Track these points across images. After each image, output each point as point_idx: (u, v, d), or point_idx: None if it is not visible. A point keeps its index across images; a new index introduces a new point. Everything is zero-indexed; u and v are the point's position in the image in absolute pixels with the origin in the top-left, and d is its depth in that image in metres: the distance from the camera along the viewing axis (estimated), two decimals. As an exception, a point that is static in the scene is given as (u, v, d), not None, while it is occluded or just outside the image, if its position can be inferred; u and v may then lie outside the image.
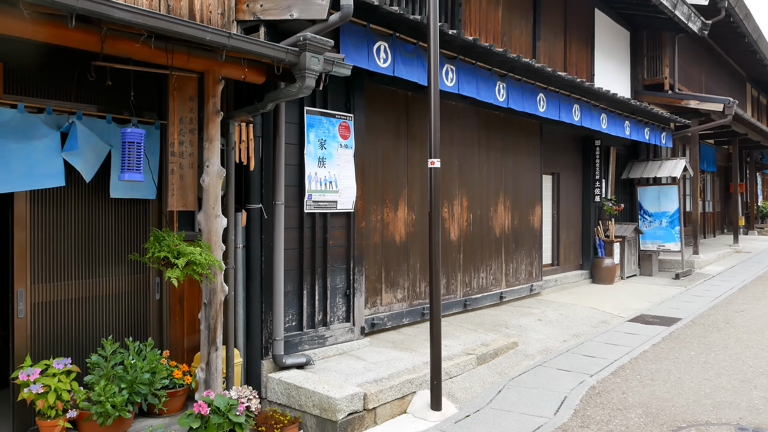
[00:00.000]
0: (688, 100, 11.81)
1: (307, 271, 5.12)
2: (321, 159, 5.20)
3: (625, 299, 9.03)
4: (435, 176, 4.68)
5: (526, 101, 7.11)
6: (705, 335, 7.00)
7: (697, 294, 9.62)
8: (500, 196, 7.92)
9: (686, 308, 8.47)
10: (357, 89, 5.56)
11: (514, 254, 8.20)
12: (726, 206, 19.31)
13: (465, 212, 7.30)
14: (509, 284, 8.11)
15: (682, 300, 9.10)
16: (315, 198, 5.15)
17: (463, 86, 6.11)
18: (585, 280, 10.13)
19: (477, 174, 7.51)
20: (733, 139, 16.04)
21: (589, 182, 10.37)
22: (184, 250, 3.82)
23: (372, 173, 6.03)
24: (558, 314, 7.71)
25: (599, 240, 10.23)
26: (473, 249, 7.43)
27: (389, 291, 6.24)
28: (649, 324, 7.51)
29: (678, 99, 11.84)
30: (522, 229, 8.36)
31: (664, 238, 11.39)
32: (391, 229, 6.26)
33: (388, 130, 6.23)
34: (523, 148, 8.41)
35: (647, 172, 11.45)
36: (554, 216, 9.73)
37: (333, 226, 5.35)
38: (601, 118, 8.87)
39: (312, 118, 5.15)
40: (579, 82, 7.68)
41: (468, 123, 7.35)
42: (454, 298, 7.14)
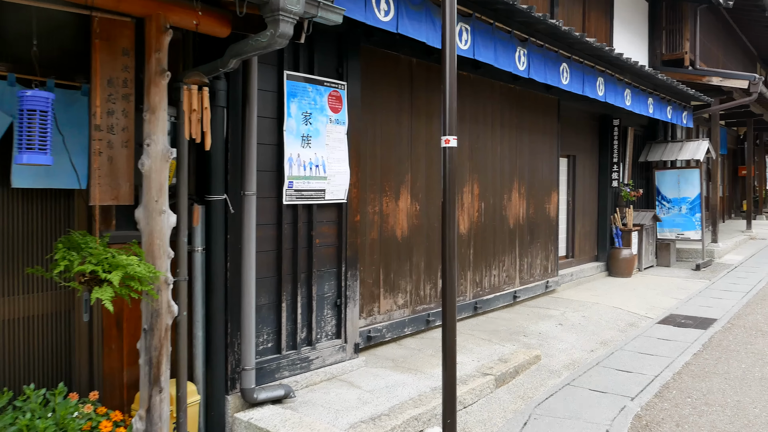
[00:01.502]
0: (710, 77, 10.62)
1: (287, 279, 3.98)
2: (305, 137, 4.04)
3: (648, 295, 7.95)
4: (450, 158, 3.53)
5: (549, 71, 5.93)
6: (750, 341, 5.93)
7: (725, 288, 8.55)
8: (515, 182, 6.78)
9: (718, 306, 7.40)
10: (351, 52, 4.38)
11: (529, 247, 7.08)
12: (734, 190, 18.23)
13: (476, 201, 6.16)
14: (523, 282, 7.00)
15: (710, 296, 8.02)
16: (297, 186, 3.99)
17: (479, 50, 4.93)
18: (601, 273, 9.04)
19: (490, 156, 6.35)
20: (748, 120, 14.88)
21: (606, 166, 9.22)
22: (120, 261, 2.69)
23: (369, 155, 4.87)
24: (580, 316, 6.62)
25: (616, 229, 9.12)
26: (485, 243, 6.31)
27: (389, 296, 5.12)
28: (683, 327, 6.43)
29: (699, 75, 10.64)
30: (538, 218, 7.23)
31: (683, 226, 10.29)
32: (392, 223, 5.12)
33: (388, 104, 5.05)
34: (540, 128, 7.24)
35: (667, 154, 10.31)
36: (569, 203, 8.60)
37: (320, 220, 4.21)
38: (625, 94, 7.70)
39: (294, 86, 3.97)
40: (607, 51, 6.49)
41: (481, 98, 6.18)
42: (464, 300, 6.03)
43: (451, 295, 3.55)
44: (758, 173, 18.31)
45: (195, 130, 2.97)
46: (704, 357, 5.45)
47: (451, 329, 3.57)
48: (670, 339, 5.98)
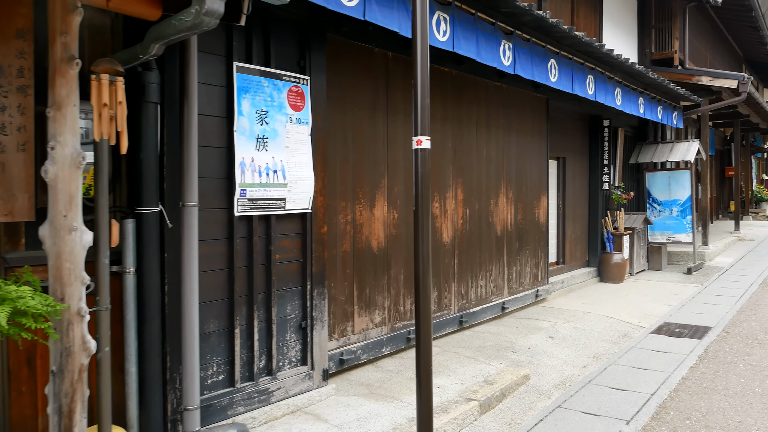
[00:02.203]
0: (699, 77, 10.09)
1: (240, 301, 3.37)
2: (261, 138, 3.43)
3: (641, 302, 7.39)
4: (423, 161, 2.95)
5: (536, 68, 5.36)
6: (747, 351, 5.37)
7: (718, 293, 8.00)
8: (502, 186, 6.19)
9: (712, 313, 6.85)
10: (315, 43, 3.78)
11: (518, 255, 6.50)
12: (721, 191, 17.76)
13: (460, 207, 5.57)
14: (512, 291, 6.42)
15: (703, 302, 7.47)
16: (252, 195, 3.39)
17: (459, 43, 4.34)
18: (592, 279, 8.48)
19: (475, 159, 5.76)
20: (735, 121, 14.40)
21: (596, 168, 8.67)
22: (6, 293, 2.10)
23: (340, 159, 4.27)
24: (571, 328, 6.04)
25: (607, 233, 8.57)
26: (470, 252, 5.72)
27: (364, 313, 4.52)
28: (677, 336, 5.87)
29: (689, 75, 10.12)
30: (527, 224, 6.65)
31: (674, 229, 9.75)
32: (366, 233, 4.52)
33: (361, 101, 4.46)
34: (529, 128, 6.67)
35: (657, 156, 9.77)
36: (560, 207, 8.03)
37: (281, 233, 3.60)
38: (615, 93, 7.14)
39: (246, 80, 3.36)
40: (597, 47, 5.93)
41: (465, 96, 5.59)
42: (448, 314, 5.43)
43: (425, 320, 2.96)
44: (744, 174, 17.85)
45: (107, 130, 2.35)
46: (701, 371, 4.89)
47: (426, 356, 2.99)
48: (664, 350, 5.41)
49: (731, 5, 12.31)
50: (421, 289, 2.99)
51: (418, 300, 2.98)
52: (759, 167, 20.64)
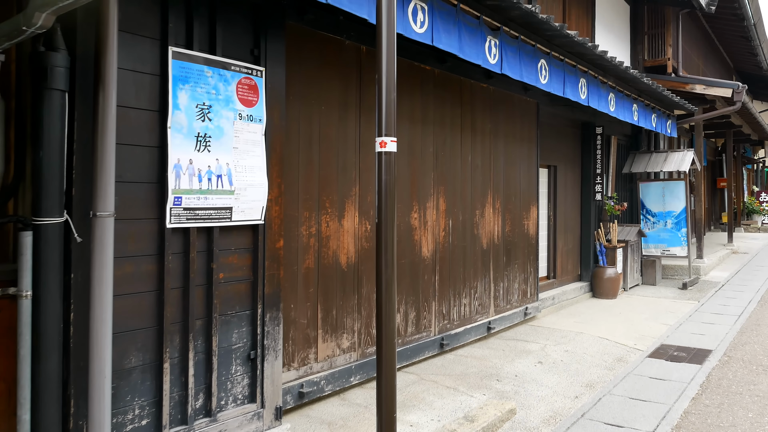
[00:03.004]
0: (693, 85, 9.68)
1: (172, 329, 2.81)
2: (202, 137, 2.89)
3: (636, 321, 6.88)
4: (388, 166, 2.43)
5: (525, 68, 4.87)
6: (752, 379, 4.87)
7: (715, 311, 7.52)
8: (488, 195, 5.68)
9: (711, 333, 6.35)
10: (272, 29, 3.26)
11: (506, 270, 5.98)
12: (713, 202, 17.40)
13: (442, 218, 5.05)
14: (499, 310, 5.89)
15: (701, 320, 6.98)
16: (189, 203, 2.84)
17: (439, 36, 3.83)
18: (585, 294, 7.97)
19: (459, 165, 5.25)
20: (727, 131, 14.05)
21: (589, 177, 8.19)
22: None
23: (303, 162, 3.74)
24: (562, 351, 5.51)
25: (600, 246, 8.08)
26: (453, 267, 5.19)
27: (330, 338, 3.97)
28: (676, 361, 5.36)
29: (683, 83, 9.70)
30: (515, 236, 6.14)
31: (669, 242, 9.29)
32: (334, 246, 3.98)
33: (329, 99, 3.94)
34: (517, 134, 6.18)
35: (651, 165, 9.32)
36: (550, 218, 7.54)
37: (226, 248, 3.05)
38: (609, 98, 6.68)
39: (185, 68, 2.83)
40: (590, 47, 5.45)
41: (448, 97, 5.09)
42: (428, 336, 4.89)
43: (388, 355, 2.43)
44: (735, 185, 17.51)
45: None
46: (704, 403, 4.38)
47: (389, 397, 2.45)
48: (663, 378, 4.90)
49: (723, 14, 11.98)
50: (384, 319, 2.46)
51: (381, 332, 2.45)
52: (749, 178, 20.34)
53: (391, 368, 2.45)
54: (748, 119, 12.96)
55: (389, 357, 2.43)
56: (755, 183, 22.12)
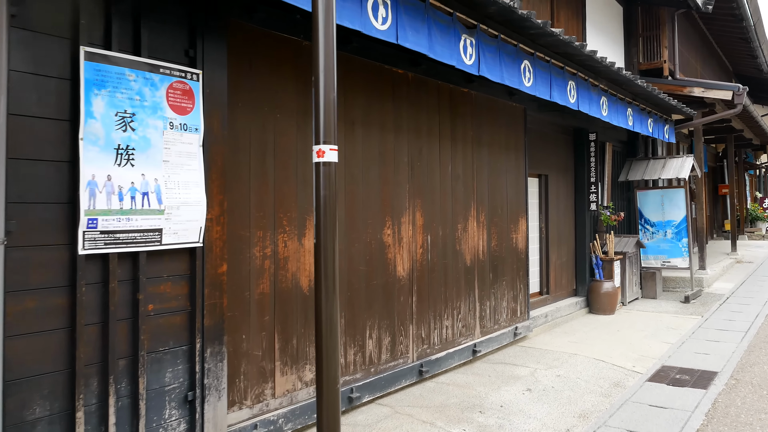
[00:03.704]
0: (691, 88, 9.38)
1: (88, 371, 2.45)
2: (124, 150, 2.55)
3: (634, 339, 6.51)
4: (327, 179, 2.10)
5: (507, 70, 4.55)
6: (763, 406, 4.49)
7: (720, 327, 7.14)
8: (472, 208, 5.34)
9: (716, 352, 5.97)
10: (212, 28, 2.93)
11: (493, 288, 5.62)
12: (715, 209, 17.07)
13: (419, 233, 4.70)
14: (485, 331, 5.52)
15: (705, 338, 6.60)
16: (107, 225, 2.49)
17: (405, 34, 3.51)
18: (581, 311, 7.60)
19: (438, 176, 4.92)
20: (728, 136, 13.75)
21: (582, 186, 7.86)
22: None
23: (255, 175, 3.39)
24: (554, 376, 5.13)
25: (596, 258, 7.72)
26: (433, 287, 4.83)
27: (290, 370, 3.60)
28: (679, 385, 4.98)
29: (680, 86, 9.40)
30: (502, 251, 5.79)
31: (669, 253, 8.93)
32: (293, 269, 3.62)
33: (286, 105, 3.60)
34: (503, 141, 5.84)
35: (649, 173, 8.99)
36: (542, 230, 7.19)
37: (156, 275, 2.70)
38: (601, 102, 6.36)
39: (101, 71, 2.49)
40: (578, 47, 5.14)
41: (424, 103, 4.77)
42: (404, 363, 4.52)
43: (330, 404, 2.07)
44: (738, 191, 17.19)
45: None
46: (713, 435, 4.01)
47: None
48: (664, 406, 4.52)
49: (721, 15, 11.72)
50: (325, 362, 2.10)
51: (321, 379, 2.09)
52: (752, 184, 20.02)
53: (334, 419, 2.09)
54: (749, 123, 12.66)
55: (331, 408, 2.07)
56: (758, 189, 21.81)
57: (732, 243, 13.32)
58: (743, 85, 17.01)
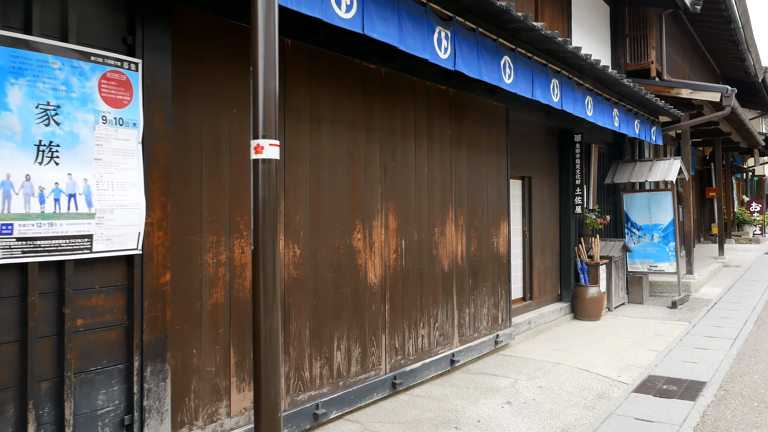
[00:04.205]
0: (679, 89, 9.23)
1: (1, 396, 2.18)
2: (46, 146, 2.28)
3: (620, 347, 6.30)
4: (266, 178, 1.84)
5: (485, 65, 4.32)
6: (754, 419, 4.29)
7: (708, 333, 6.96)
8: (450, 211, 5.10)
9: (705, 361, 5.78)
10: (154, 14, 2.66)
11: (472, 294, 5.39)
12: (702, 213, 17.00)
13: (393, 238, 4.45)
14: (464, 339, 5.28)
15: (693, 345, 6.42)
16: (24, 231, 2.22)
17: (372, 23, 3.27)
18: (565, 317, 7.39)
19: (413, 178, 4.68)
20: (715, 139, 13.66)
21: (567, 188, 7.66)
22: None
23: (208, 176, 3.13)
24: (535, 387, 4.90)
25: (581, 263, 7.52)
26: (408, 294, 4.59)
27: (247, 386, 3.33)
28: (666, 396, 4.77)
29: (668, 87, 9.25)
30: (483, 256, 5.56)
31: (656, 257, 8.76)
32: (251, 276, 3.36)
33: (242, 101, 3.34)
34: (484, 142, 5.62)
35: (636, 175, 8.82)
36: (525, 234, 6.98)
37: (87, 287, 2.43)
38: (585, 102, 6.16)
39: (17, 57, 2.22)
40: (561, 43, 4.93)
41: (398, 100, 4.52)
42: (376, 376, 4.26)
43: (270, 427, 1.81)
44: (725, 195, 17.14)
45: None
46: (701, 452, 3.80)
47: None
48: (651, 419, 4.30)
49: (709, 17, 11.61)
50: (264, 384, 1.85)
51: (259, 403, 1.83)
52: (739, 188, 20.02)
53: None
54: (737, 126, 12.57)
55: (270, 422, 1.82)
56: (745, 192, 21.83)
57: (719, 247, 13.22)
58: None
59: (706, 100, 9.19)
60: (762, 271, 12.07)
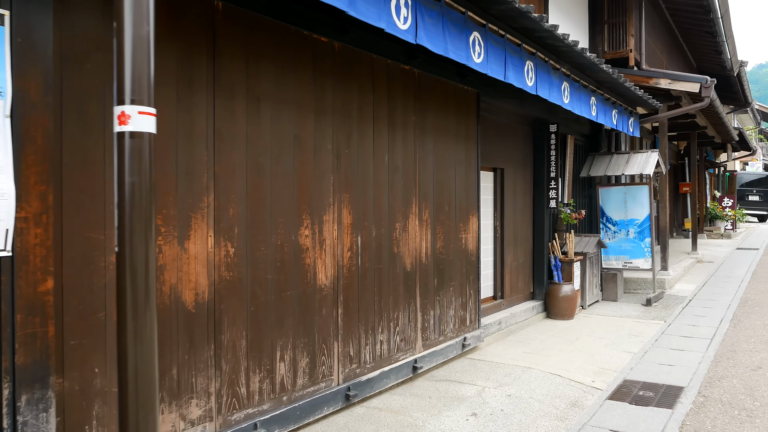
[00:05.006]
0: (657, 79, 8.93)
1: None
2: None
3: (594, 348, 5.97)
4: (135, 158, 1.34)
5: (452, 41, 3.86)
6: (735, 430, 3.98)
7: (684, 333, 6.68)
8: (413, 205, 4.66)
9: (682, 364, 5.47)
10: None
11: (438, 295, 4.96)
12: (675, 208, 16.92)
13: (347, 234, 3.98)
14: (428, 344, 4.86)
15: (669, 346, 6.12)
16: None
17: (317, -16, 2.78)
18: (538, 315, 7.04)
19: (371, 167, 4.21)
20: (691, 133, 13.50)
21: (542, 181, 7.28)
22: None
23: (111, 161, 2.61)
24: (504, 395, 4.51)
25: (555, 259, 7.17)
26: (364, 296, 4.13)
27: (169, 408, 2.84)
28: (642, 404, 4.43)
29: (646, 77, 8.94)
30: (449, 253, 5.13)
31: (631, 253, 8.47)
32: (172, 280, 2.86)
33: (164, 74, 2.82)
34: (452, 129, 5.17)
35: (612, 168, 8.50)
36: (497, 229, 6.58)
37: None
38: (562, 88, 5.75)
39: None
40: (536, 19, 4.49)
41: (354, 79, 4.04)
42: (327, 387, 3.80)
43: None
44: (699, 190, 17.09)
45: None
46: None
47: None
48: (626, 431, 3.96)
49: (688, 6, 11.36)
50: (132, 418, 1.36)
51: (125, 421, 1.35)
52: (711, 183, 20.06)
53: None
54: (713, 120, 12.41)
55: None
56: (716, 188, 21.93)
57: (693, 242, 13.10)
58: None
59: (685, 90, 8.91)
60: (734, 267, 11.96)
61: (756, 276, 10.93)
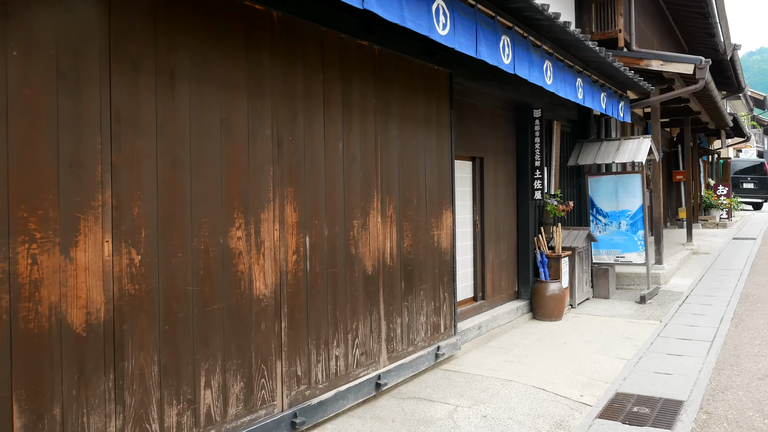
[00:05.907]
0: (649, 60, 8.44)
1: None
2: None
3: (583, 355, 5.49)
4: None
5: (412, 9, 3.33)
6: (745, 452, 3.51)
7: (682, 335, 6.23)
8: (374, 199, 4.13)
9: (680, 371, 5.01)
10: None
11: (405, 300, 4.45)
12: (669, 197, 16.52)
13: (292, 234, 3.46)
14: (395, 356, 4.35)
15: (666, 350, 5.65)
16: None
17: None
18: (523, 317, 6.56)
19: (322, 157, 3.68)
20: (684, 119, 13.06)
21: (526, 171, 6.78)
22: None
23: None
24: (479, 416, 4.01)
25: (541, 255, 6.69)
26: (315, 305, 3.61)
27: (44, 460, 2.32)
28: (637, 423, 3.95)
29: (637, 59, 8.45)
30: (420, 252, 4.62)
31: (624, 247, 8.01)
32: (52, 297, 2.32)
33: (40, 40, 2.28)
34: (421, 114, 4.65)
35: (602, 156, 8.02)
36: (476, 224, 6.08)
37: None
38: (544, 68, 5.24)
39: None
40: (512, -11, 3.97)
41: (299, 56, 3.50)
42: (268, 416, 3.28)
43: None
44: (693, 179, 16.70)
45: None
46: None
47: None
48: (620, 455, 3.48)
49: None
50: None
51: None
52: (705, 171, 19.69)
53: None
54: (707, 104, 11.97)
55: None
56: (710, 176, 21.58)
57: (688, 232, 12.69)
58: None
59: (678, 72, 8.43)
60: (732, 259, 11.56)
61: (755, 268, 10.53)
